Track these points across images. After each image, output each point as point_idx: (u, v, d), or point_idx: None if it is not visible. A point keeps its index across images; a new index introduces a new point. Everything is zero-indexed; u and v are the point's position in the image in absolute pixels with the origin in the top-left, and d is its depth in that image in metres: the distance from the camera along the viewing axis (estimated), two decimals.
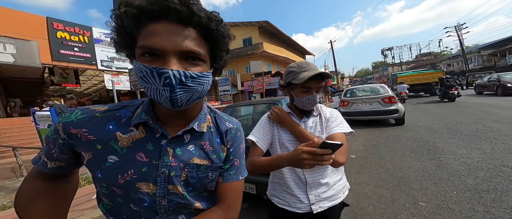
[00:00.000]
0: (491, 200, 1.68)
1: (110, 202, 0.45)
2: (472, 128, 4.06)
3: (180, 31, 0.36)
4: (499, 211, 1.53)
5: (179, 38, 0.36)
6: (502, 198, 1.69)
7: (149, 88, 0.37)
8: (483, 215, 1.51)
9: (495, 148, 2.83)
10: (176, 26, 0.36)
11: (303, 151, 0.56)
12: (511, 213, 1.48)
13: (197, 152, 0.47)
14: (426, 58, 52.71)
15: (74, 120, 0.42)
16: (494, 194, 1.76)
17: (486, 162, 2.44)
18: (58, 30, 7.11)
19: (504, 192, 1.78)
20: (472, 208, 1.60)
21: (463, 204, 1.67)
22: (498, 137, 3.30)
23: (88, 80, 10.84)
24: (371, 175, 2.48)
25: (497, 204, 1.61)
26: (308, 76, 0.74)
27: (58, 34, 7.09)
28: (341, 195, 0.85)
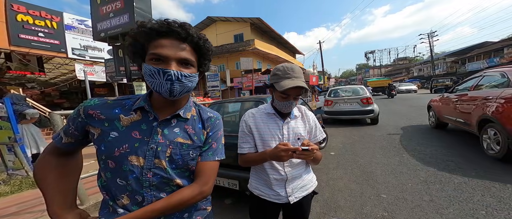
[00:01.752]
0: (436, 190, 2.03)
1: (105, 177, 0.57)
2: (429, 126, 4.68)
3: (179, 45, 0.53)
4: (440, 199, 1.87)
5: (178, 50, 0.53)
6: (444, 188, 2.06)
7: (154, 83, 0.52)
8: (428, 203, 1.83)
9: (443, 145, 3.34)
10: (177, 42, 0.53)
11: (281, 149, 0.74)
12: (449, 201, 1.83)
13: (181, 133, 0.60)
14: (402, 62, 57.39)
15: (92, 104, 0.57)
16: (439, 185, 2.13)
17: (436, 157, 2.89)
18: (19, 12, 6.15)
19: (446, 183, 2.16)
20: (420, 198, 1.92)
21: (415, 195, 1.99)
22: (448, 134, 3.88)
23: (55, 69, 9.67)
24: (345, 170, 2.77)
25: (439, 194, 1.96)
26: (287, 86, 0.80)
27: (19, 17, 6.14)
28: (312, 185, 0.97)
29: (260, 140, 0.89)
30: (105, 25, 3.81)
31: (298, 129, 0.92)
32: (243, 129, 0.92)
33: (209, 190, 0.61)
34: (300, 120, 0.95)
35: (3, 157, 2.81)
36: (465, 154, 2.90)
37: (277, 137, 0.89)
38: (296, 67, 0.87)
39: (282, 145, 0.75)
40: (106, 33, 3.80)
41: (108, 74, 6.20)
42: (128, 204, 0.55)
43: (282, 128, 0.90)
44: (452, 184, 2.12)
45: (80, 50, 7.73)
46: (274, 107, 0.93)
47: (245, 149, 0.90)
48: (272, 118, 0.92)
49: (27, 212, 1.85)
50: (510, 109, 2.23)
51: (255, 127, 0.90)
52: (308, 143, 0.74)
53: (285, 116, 0.92)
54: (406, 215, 1.68)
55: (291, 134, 0.90)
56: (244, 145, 0.91)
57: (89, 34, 7.60)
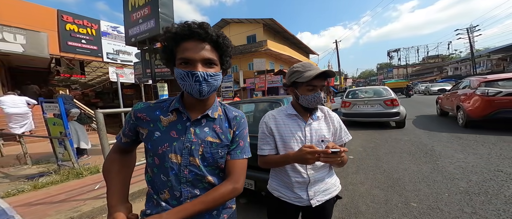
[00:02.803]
0: (480, 202, 1.75)
1: (151, 173, 0.64)
2: (471, 132, 4.09)
3: (201, 46, 0.56)
4: (486, 212, 1.60)
5: (201, 51, 0.56)
6: (491, 200, 1.76)
7: (185, 85, 0.57)
8: (470, 216, 1.58)
9: (492, 153, 2.88)
10: (199, 43, 0.56)
11: (307, 151, 0.72)
12: (497, 215, 1.56)
13: (210, 132, 0.64)
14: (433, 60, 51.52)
15: (139, 108, 0.64)
16: (484, 196, 1.83)
17: (481, 166, 2.50)
18: (67, 22, 7.22)
19: (494, 195, 1.84)
20: (460, 209, 1.67)
21: (453, 206, 1.74)
22: (496, 143, 3.34)
23: (92, 71, 10.98)
24: (367, 175, 2.56)
25: (485, 206, 1.68)
26: (313, 74, 0.78)
27: (67, 27, 7.20)
28: (336, 189, 0.93)
29: (281, 142, 0.87)
30: (135, 31, 4.21)
31: (322, 130, 0.88)
32: (264, 130, 0.90)
33: (241, 187, 0.64)
34: (323, 121, 0.90)
35: (55, 149, 3.25)
36: None
37: (299, 138, 0.86)
38: (312, 63, 0.88)
39: (307, 147, 0.72)
40: (136, 38, 4.20)
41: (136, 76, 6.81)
42: (168, 199, 0.60)
43: (304, 130, 0.86)
44: (502, 197, 1.80)
45: (113, 55, 8.66)
46: (295, 108, 0.90)
47: (266, 150, 0.88)
48: (293, 119, 0.89)
49: (73, 199, 2.12)
50: (465, 100, 4.48)
51: (276, 129, 0.88)
52: (334, 145, 0.71)
53: (307, 117, 0.88)
54: None
55: (314, 135, 0.86)
56: (265, 147, 0.88)
57: (120, 39, 8.48)
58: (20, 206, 2.01)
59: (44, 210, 1.89)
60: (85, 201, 2.04)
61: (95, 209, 1.94)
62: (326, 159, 0.69)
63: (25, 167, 3.35)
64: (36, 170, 3.21)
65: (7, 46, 5.63)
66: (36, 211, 1.89)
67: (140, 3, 3.98)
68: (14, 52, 5.97)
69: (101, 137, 1.93)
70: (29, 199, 2.16)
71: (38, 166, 3.40)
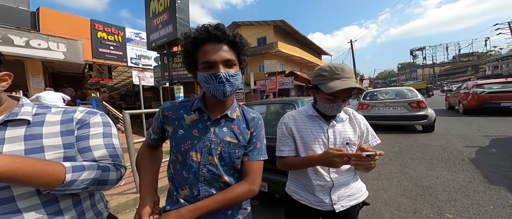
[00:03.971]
0: None
1: (173, 169, 0.66)
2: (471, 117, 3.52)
3: (220, 48, 0.57)
4: None
5: (221, 52, 0.57)
6: None
7: (209, 88, 0.58)
8: None
9: None
10: (217, 45, 0.57)
11: (334, 154, 0.66)
12: None
13: (229, 132, 0.64)
14: (466, 59, 46.20)
15: (166, 107, 0.67)
16: None
17: None
18: (98, 30, 8.05)
19: None
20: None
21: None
22: None
23: (118, 76, 12.01)
24: (390, 182, 2.33)
25: None
26: (338, 88, 0.70)
27: (98, 34, 8.03)
28: (363, 194, 0.85)
29: (302, 144, 0.82)
30: (155, 36, 4.49)
31: (346, 133, 0.82)
32: (284, 131, 0.85)
33: (257, 189, 0.64)
34: (348, 123, 0.84)
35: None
36: None
37: (322, 141, 0.80)
38: (346, 67, 0.75)
39: (334, 150, 0.67)
40: (156, 43, 4.48)
41: (155, 79, 7.27)
42: (187, 195, 0.62)
43: (326, 132, 0.81)
44: None
45: (136, 59, 9.38)
46: (316, 109, 0.85)
47: (285, 151, 0.83)
48: (314, 120, 0.84)
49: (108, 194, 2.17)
50: (464, 97, 6.82)
51: (296, 130, 0.83)
52: (368, 148, 0.65)
53: (330, 118, 0.82)
54: None
55: (338, 138, 0.80)
56: (284, 148, 0.84)
57: (142, 45, 9.16)
58: None
59: None
60: (111, 196, 2.11)
61: (120, 204, 1.98)
62: (358, 162, 0.63)
63: None
64: None
65: (52, 54, 6.43)
66: None
67: (159, 9, 4.25)
68: (57, 59, 6.81)
69: (127, 136, 2.04)
70: None
71: None
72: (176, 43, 4.15)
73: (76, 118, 0.58)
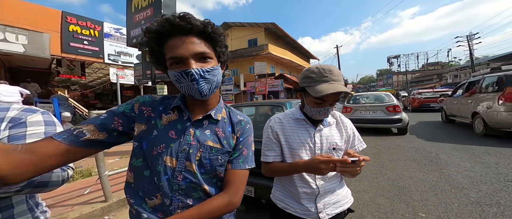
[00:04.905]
0: (493, 214, 1.65)
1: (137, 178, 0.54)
2: (476, 140, 4.00)
3: (188, 40, 0.49)
4: None
5: (189, 45, 0.48)
6: (505, 212, 1.66)
7: (183, 87, 0.50)
8: None
9: (500, 163, 2.78)
10: (184, 37, 0.49)
11: (320, 161, 0.64)
12: None
13: (211, 136, 0.57)
14: (433, 67, 51.83)
15: (146, 101, 0.56)
16: (497, 208, 1.73)
17: (489, 176, 2.40)
18: (71, 23, 7.28)
19: (507, 206, 1.74)
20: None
21: (464, 217, 1.64)
22: (503, 152, 3.24)
23: (93, 73, 11.00)
24: (371, 183, 2.46)
25: (499, 218, 1.58)
26: (326, 92, 0.67)
27: (70, 28, 7.25)
28: (348, 201, 0.84)
29: (288, 149, 0.79)
30: (137, 32, 4.20)
31: (333, 137, 0.80)
32: (269, 135, 0.82)
33: (239, 202, 0.57)
34: (334, 128, 0.82)
35: None
36: None
37: (308, 146, 0.78)
38: (334, 68, 0.73)
39: (321, 157, 0.65)
40: (137, 40, 4.19)
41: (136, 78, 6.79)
42: (158, 205, 0.52)
43: (313, 136, 0.78)
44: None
45: (114, 56, 8.69)
46: (303, 112, 0.82)
47: (270, 157, 0.80)
48: (301, 124, 0.81)
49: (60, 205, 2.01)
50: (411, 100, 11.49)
51: (283, 134, 0.80)
52: (354, 153, 0.64)
53: (317, 122, 0.80)
54: None
55: (324, 143, 0.78)
56: (269, 153, 0.81)
57: (122, 41, 8.53)
58: None
59: None
60: (72, 207, 1.94)
61: (83, 216, 1.82)
62: (344, 169, 0.62)
63: None
64: None
65: (9, 46, 5.63)
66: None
67: (143, 5, 3.99)
68: (15, 53, 5.98)
69: None
70: None
71: None
72: None
73: (9, 116, 0.51)
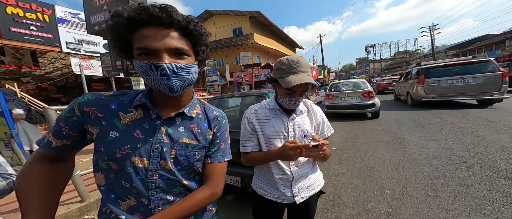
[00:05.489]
0: (440, 185, 2.00)
1: (104, 180, 0.52)
2: (432, 120, 4.65)
3: (165, 33, 0.45)
4: (445, 194, 1.84)
5: (166, 39, 0.45)
6: (448, 183, 2.03)
7: (150, 80, 0.46)
8: (433, 199, 1.80)
9: (448, 139, 3.31)
10: (161, 29, 0.45)
11: (289, 147, 0.69)
12: (454, 196, 1.80)
13: (186, 133, 0.56)
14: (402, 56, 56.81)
15: (86, 100, 0.51)
16: (443, 180, 2.10)
17: (439, 151, 2.86)
18: (8, 5, 5.90)
19: (450, 177, 2.13)
20: (425, 193, 1.89)
21: (419, 190, 1.96)
22: (451, 129, 3.85)
23: (50, 63, 9.46)
24: (348, 165, 2.74)
25: (444, 189, 1.93)
26: (293, 83, 0.72)
27: (8, 10, 5.90)
28: (320, 184, 0.93)
29: (264, 138, 0.84)
30: (99, 18, 3.64)
31: (305, 125, 0.86)
32: (246, 126, 0.86)
33: (220, 192, 0.59)
34: (306, 116, 0.88)
35: (1, 153, 2.75)
36: (470, 148, 2.88)
37: (282, 134, 0.83)
38: (302, 60, 0.77)
39: (289, 143, 0.70)
40: (100, 27, 3.64)
41: (104, 69, 6.06)
42: (134, 206, 0.51)
43: (287, 125, 0.84)
44: (456, 179, 2.09)
45: (74, 44, 7.52)
46: (278, 102, 0.86)
47: (248, 147, 0.85)
48: (276, 113, 0.86)
49: None
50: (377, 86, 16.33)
51: (258, 124, 0.85)
52: (318, 139, 0.69)
53: (290, 111, 0.86)
54: (411, 211, 1.66)
55: (297, 131, 0.84)
56: (247, 143, 0.85)
57: (82, 27, 7.36)
58: None
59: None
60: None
61: (58, 217, 1.72)
62: (309, 153, 0.67)
63: None
64: None
65: None
66: None
67: None
68: None
69: None
70: None
71: None
72: None
73: None
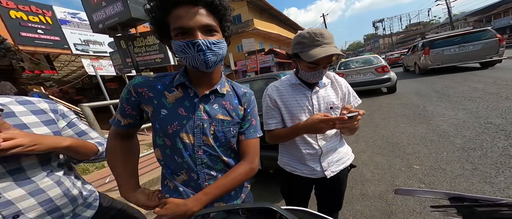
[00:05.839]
0: (478, 157, 1.83)
1: (162, 155, 0.59)
2: (458, 89, 4.25)
3: (196, 11, 0.48)
4: (486, 167, 1.68)
5: (197, 16, 0.48)
6: (487, 154, 1.85)
7: (187, 58, 0.50)
8: (472, 172, 1.65)
9: (479, 107, 3.01)
10: (191, 8, 0.48)
11: (320, 120, 0.67)
12: (496, 168, 1.64)
13: (220, 109, 0.59)
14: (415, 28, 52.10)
15: (138, 82, 0.56)
16: (480, 151, 1.92)
17: (472, 121, 2.62)
18: (9, 8, 5.96)
19: (489, 148, 1.94)
20: (462, 167, 1.75)
21: (454, 164, 1.81)
22: (482, 96, 3.49)
23: (64, 66, 9.81)
24: (367, 143, 2.62)
25: (483, 161, 1.77)
26: (318, 56, 0.68)
27: (12, 14, 5.98)
28: (350, 158, 0.91)
29: (288, 114, 0.82)
30: (101, 16, 3.55)
31: (330, 97, 0.83)
32: (268, 104, 0.84)
33: (257, 167, 0.63)
34: (330, 88, 0.85)
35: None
36: (507, 115, 2.58)
37: (307, 108, 0.81)
38: (325, 31, 0.72)
39: (320, 115, 0.68)
40: (104, 24, 3.57)
41: (116, 67, 6.14)
42: (186, 180, 0.58)
43: (311, 99, 0.81)
44: (496, 149, 1.90)
45: (82, 46, 7.64)
46: (298, 77, 0.84)
47: (272, 124, 0.84)
48: (298, 88, 0.83)
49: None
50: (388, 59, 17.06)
51: (281, 100, 0.83)
52: (351, 109, 0.66)
53: (313, 85, 0.82)
54: (447, 186, 1.54)
55: (322, 103, 0.82)
56: (271, 121, 0.84)
57: (85, 27, 7.38)
58: None
59: None
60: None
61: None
62: (343, 125, 0.65)
63: None
64: None
65: None
66: None
67: None
68: None
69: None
70: None
71: None
72: (133, 24, 3.39)
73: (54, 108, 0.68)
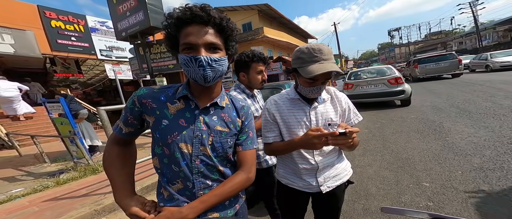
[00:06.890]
0: (497, 178, 1.69)
1: (159, 164, 0.62)
2: (481, 105, 3.96)
3: (204, 30, 0.54)
4: (504, 189, 1.54)
5: (204, 35, 0.53)
6: (507, 176, 1.70)
7: (189, 71, 0.54)
8: (488, 194, 1.53)
9: (503, 126, 2.78)
10: (201, 27, 0.53)
11: (313, 136, 0.67)
12: None
13: (219, 121, 0.62)
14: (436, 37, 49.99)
15: (142, 93, 0.60)
16: (500, 172, 1.77)
17: (493, 140, 2.42)
18: (51, 19, 6.84)
19: (510, 169, 1.78)
20: (476, 187, 1.62)
21: (468, 183, 1.69)
22: (507, 113, 3.22)
23: (89, 70, 10.77)
24: (374, 157, 2.52)
25: (502, 182, 1.62)
26: (315, 73, 0.68)
27: (53, 23, 6.84)
28: (348, 173, 0.89)
29: (286, 128, 0.82)
30: (125, 25, 3.95)
31: (328, 113, 0.82)
32: (266, 117, 0.85)
33: (253, 177, 0.65)
34: (329, 103, 0.84)
35: (68, 148, 3.32)
36: None
37: (305, 124, 0.81)
38: (324, 47, 0.73)
39: (313, 131, 0.68)
40: (126, 33, 3.96)
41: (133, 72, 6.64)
42: (181, 189, 0.59)
43: (309, 114, 0.81)
44: None
45: (106, 51, 8.39)
46: (298, 92, 0.84)
47: (270, 138, 0.85)
48: (297, 103, 0.83)
49: (94, 193, 2.19)
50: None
51: (279, 115, 0.83)
52: (346, 126, 0.67)
53: (312, 100, 0.82)
54: (458, 206, 1.44)
55: (320, 119, 0.81)
56: (269, 134, 0.85)
57: (111, 35, 8.14)
58: (48, 200, 2.13)
59: (70, 204, 2.00)
60: (105, 195, 2.11)
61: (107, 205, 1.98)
62: (335, 141, 0.64)
63: (45, 165, 3.50)
64: (55, 167, 3.33)
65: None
66: (64, 205, 2.00)
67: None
68: (5, 53, 5.78)
69: (107, 134, 1.97)
70: (55, 194, 2.27)
71: (56, 164, 3.54)
72: (151, 33, 3.72)
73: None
